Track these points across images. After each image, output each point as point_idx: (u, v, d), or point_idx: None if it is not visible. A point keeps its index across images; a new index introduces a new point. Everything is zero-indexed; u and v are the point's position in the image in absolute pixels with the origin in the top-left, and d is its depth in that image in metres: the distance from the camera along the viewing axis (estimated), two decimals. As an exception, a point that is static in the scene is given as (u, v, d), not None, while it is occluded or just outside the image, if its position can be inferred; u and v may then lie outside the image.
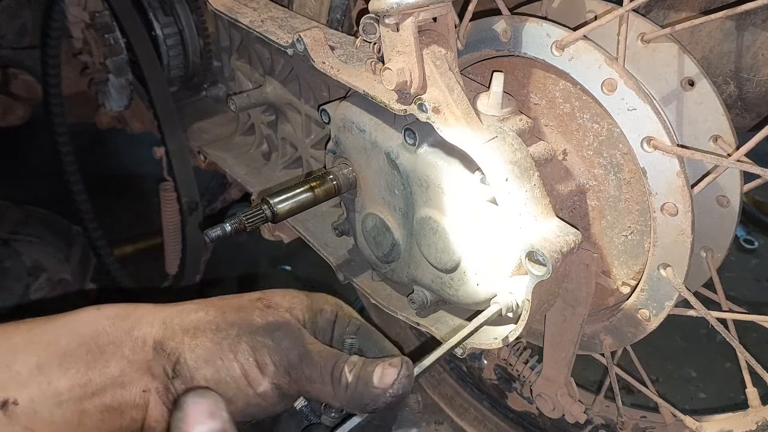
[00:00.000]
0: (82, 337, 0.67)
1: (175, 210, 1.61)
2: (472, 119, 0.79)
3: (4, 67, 1.91)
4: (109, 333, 0.67)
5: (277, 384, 0.67)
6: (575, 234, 0.78)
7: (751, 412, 0.93)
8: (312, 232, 1.14)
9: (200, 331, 0.67)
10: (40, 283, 1.88)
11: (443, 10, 0.77)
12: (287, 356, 0.66)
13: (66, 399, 0.64)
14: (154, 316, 0.69)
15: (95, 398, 0.65)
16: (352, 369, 0.65)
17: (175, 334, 0.67)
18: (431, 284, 0.91)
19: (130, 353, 0.67)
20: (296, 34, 0.89)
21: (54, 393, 0.64)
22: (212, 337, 0.67)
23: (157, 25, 1.44)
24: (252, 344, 0.67)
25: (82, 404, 0.65)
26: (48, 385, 0.64)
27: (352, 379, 0.64)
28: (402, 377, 0.63)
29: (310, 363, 0.66)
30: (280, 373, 0.66)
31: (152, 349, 0.67)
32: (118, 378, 0.66)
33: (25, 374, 0.64)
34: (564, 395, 1.00)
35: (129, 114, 1.74)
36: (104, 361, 0.66)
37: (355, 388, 0.64)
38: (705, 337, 1.83)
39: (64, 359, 0.65)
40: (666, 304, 0.85)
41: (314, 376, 0.66)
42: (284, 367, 0.66)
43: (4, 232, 2.01)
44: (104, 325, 0.68)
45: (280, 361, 0.66)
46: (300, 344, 0.67)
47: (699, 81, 0.84)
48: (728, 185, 0.87)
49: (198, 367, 0.66)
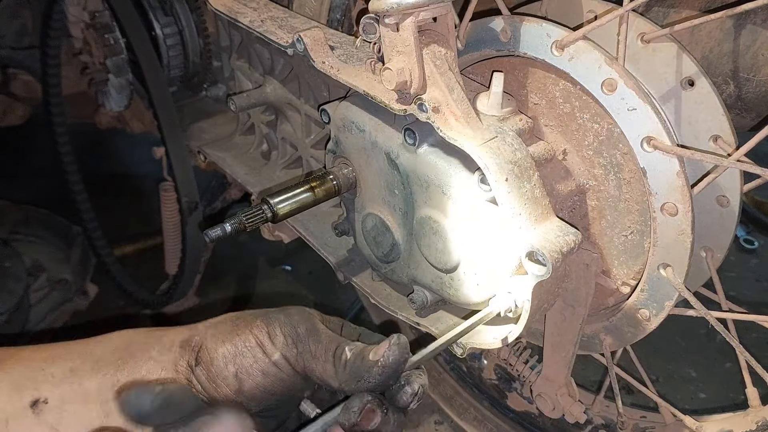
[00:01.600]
0: (116, 346, 0.72)
1: (175, 210, 1.61)
2: (472, 119, 0.79)
3: (4, 67, 1.91)
4: (140, 342, 0.72)
5: (286, 356, 0.70)
6: (575, 234, 0.78)
7: (751, 412, 0.93)
8: (312, 232, 1.14)
9: (221, 322, 0.73)
10: (40, 283, 1.88)
11: (443, 10, 0.77)
12: (296, 329, 0.70)
13: (93, 399, 0.67)
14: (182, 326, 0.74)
15: None
16: (353, 349, 0.69)
17: (199, 330, 0.72)
18: (431, 284, 0.91)
19: (157, 354, 0.71)
20: (296, 34, 0.89)
21: (83, 392, 0.68)
22: (231, 323, 0.72)
23: (157, 25, 1.44)
24: (266, 320, 0.71)
25: (108, 404, 0.68)
26: (79, 386, 0.68)
27: (351, 356, 0.68)
28: (393, 345, 0.66)
29: (317, 339, 0.70)
30: (288, 345, 0.70)
31: (179, 347, 0.71)
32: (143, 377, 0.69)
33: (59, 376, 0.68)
34: (564, 395, 1.00)
35: (129, 114, 1.74)
36: (133, 363, 0.70)
37: (353, 364, 0.68)
38: (705, 337, 1.83)
39: (96, 364, 0.70)
40: (666, 304, 0.85)
41: (318, 352, 0.69)
42: (292, 339, 0.70)
43: (4, 232, 2.01)
44: (137, 336, 0.73)
45: (289, 332, 0.70)
46: (309, 321, 0.72)
47: (699, 81, 0.84)
48: (728, 185, 0.87)
49: (217, 347, 0.70)
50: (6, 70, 1.91)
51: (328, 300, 2.02)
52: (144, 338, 0.73)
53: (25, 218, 2.06)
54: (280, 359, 0.69)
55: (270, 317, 0.71)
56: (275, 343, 0.70)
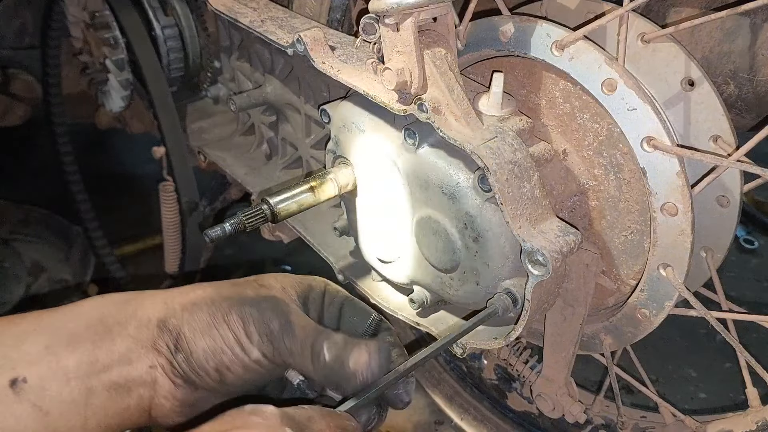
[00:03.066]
0: (89, 320, 0.70)
1: (174, 210, 1.61)
2: (471, 119, 0.79)
3: (4, 67, 1.91)
4: (114, 315, 0.70)
5: (263, 353, 0.69)
6: (575, 234, 0.78)
7: (751, 412, 0.93)
8: (312, 232, 1.14)
9: (197, 307, 0.70)
10: (40, 283, 1.88)
11: (443, 10, 0.77)
12: (268, 325, 0.69)
13: (73, 376, 0.66)
14: (156, 298, 0.72)
15: (102, 375, 0.67)
16: (332, 348, 0.68)
17: (176, 312, 0.70)
18: (431, 284, 0.91)
19: (135, 332, 0.69)
20: (296, 34, 0.89)
21: (62, 371, 0.66)
22: (207, 310, 0.70)
23: (157, 25, 1.44)
24: (241, 314, 0.70)
25: (89, 381, 0.67)
26: (57, 363, 0.66)
27: (330, 357, 0.67)
28: (373, 363, 0.65)
29: (291, 335, 0.69)
30: (263, 343, 0.69)
31: (156, 327, 0.69)
32: (124, 355, 0.68)
33: (34, 354, 0.66)
34: (564, 395, 0.99)
35: (129, 114, 1.73)
36: (110, 339, 0.68)
37: (332, 367, 0.67)
38: (705, 337, 1.83)
39: (71, 340, 0.68)
40: (666, 304, 0.85)
41: (295, 349, 0.69)
42: (267, 336, 0.69)
43: (4, 232, 2.01)
44: (109, 308, 0.71)
45: (262, 330, 0.69)
46: (283, 316, 0.70)
47: (699, 81, 0.84)
48: (728, 185, 0.87)
49: (196, 339, 0.69)
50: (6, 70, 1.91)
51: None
52: (117, 311, 0.71)
53: (25, 218, 2.06)
54: (259, 356, 0.69)
55: (244, 312, 0.70)
56: (252, 340, 0.69)
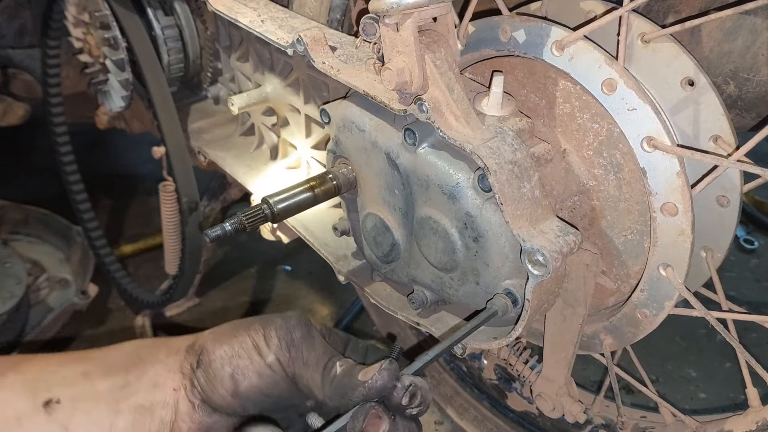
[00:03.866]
0: (126, 351, 0.75)
1: (174, 210, 1.61)
2: (471, 119, 0.79)
3: (4, 67, 1.91)
4: (149, 346, 0.76)
5: (279, 358, 0.71)
6: (575, 234, 0.78)
7: (751, 412, 0.93)
8: (312, 232, 1.14)
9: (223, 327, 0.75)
10: (40, 283, 1.88)
11: (443, 10, 0.77)
12: (291, 333, 0.72)
13: (103, 399, 0.70)
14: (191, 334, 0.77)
15: (130, 398, 0.70)
16: (344, 364, 0.70)
17: (204, 336, 0.75)
18: (431, 284, 0.91)
19: (164, 357, 0.73)
20: (296, 34, 0.89)
21: (94, 393, 0.70)
22: (232, 326, 0.75)
23: (157, 25, 1.44)
24: (263, 323, 0.73)
25: (117, 405, 0.70)
26: (91, 387, 0.70)
27: (341, 372, 0.69)
28: (383, 370, 0.67)
29: (311, 347, 0.72)
30: (282, 349, 0.71)
31: (184, 351, 0.73)
32: (152, 379, 0.71)
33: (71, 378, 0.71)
34: (564, 395, 0.99)
35: (129, 114, 1.73)
36: (143, 366, 0.72)
37: (341, 380, 0.69)
38: (705, 337, 1.83)
39: (108, 368, 0.72)
40: (666, 304, 0.85)
41: (310, 360, 0.71)
42: (286, 342, 0.71)
43: (4, 232, 2.01)
44: (147, 342, 0.78)
45: (284, 336, 0.72)
46: (305, 328, 0.73)
47: (699, 81, 0.84)
48: (728, 185, 0.87)
49: (215, 349, 0.72)
50: (6, 70, 1.91)
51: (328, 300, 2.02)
52: (153, 343, 0.76)
53: (25, 218, 2.06)
54: (274, 361, 0.71)
55: (267, 320, 0.73)
56: (270, 345, 0.71)
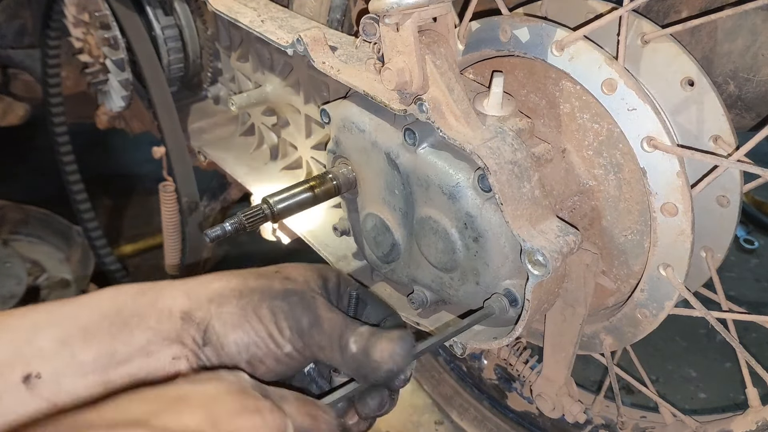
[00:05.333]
0: (104, 311, 0.67)
1: (174, 210, 1.61)
2: (471, 119, 0.79)
3: (4, 67, 1.91)
4: (130, 307, 0.68)
5: (295, 347, 0.70)
6: (575, 234, 0.78)
7: (751, 412, 0.93)
8: (312, 232, 1.14)
9: (225, 299, 0.69)
10: (40, 283, 1.88)
11: (443, 10, 0.77)
12: (299, 322, 0.70)
13: (91, 370, 0.64)
14: (175, 289, 0.70)
15: (120, 368, 0.65)
16: (358, 340, 0.69)
17: (201, 304, 0.69)
18: (431, 284, 0.91)
19: (156, 324, 0.67)
20: (296, 34, 0.89)
21: (78, 365, 0.64)
22: (237, 303, 0.69)
23: (157, 25, 1.44)
24: (272, 309, 0.69)
25: (107, 375, 0.65)
26: (72, 357, 0.64)
27: (356, 349, 0.68)
28: (398, 355, 0.67)
29: (320, 330, 0.70)
30: (294, 338, 0.69)
31: (180, 319, 0.68)
32: (144, 347, 0.66)
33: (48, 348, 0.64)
34: (564, 395, 0.99)
35: (129, 114, 1.73)
36: (129, 332, 0.66)
37: (359, 359, 0.68)
38: (705, 337, 1.83)
39: (87, 333, 0.65)
40: (666, 304, 0.85)
41: (324, 343, 0.69)
42: (297, 332, 0.69)
43: (4, 232, 2.01)
44: (125, 300, 0.68)
45: (293, 326, 0.69)
46: (312, 311, 0.71)
47: (699, 81, 0.84)
48: (728, 185, 0.87)
49: (227, 333, 0.68)
50: (6, 70, 1.91)
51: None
52: (133, 302, 0.68)
53: (25, 218, 2.06)
54: (291, 351, 0.69)
55: (275, 307, 0.70)
56: (284, 336, 0.69)
